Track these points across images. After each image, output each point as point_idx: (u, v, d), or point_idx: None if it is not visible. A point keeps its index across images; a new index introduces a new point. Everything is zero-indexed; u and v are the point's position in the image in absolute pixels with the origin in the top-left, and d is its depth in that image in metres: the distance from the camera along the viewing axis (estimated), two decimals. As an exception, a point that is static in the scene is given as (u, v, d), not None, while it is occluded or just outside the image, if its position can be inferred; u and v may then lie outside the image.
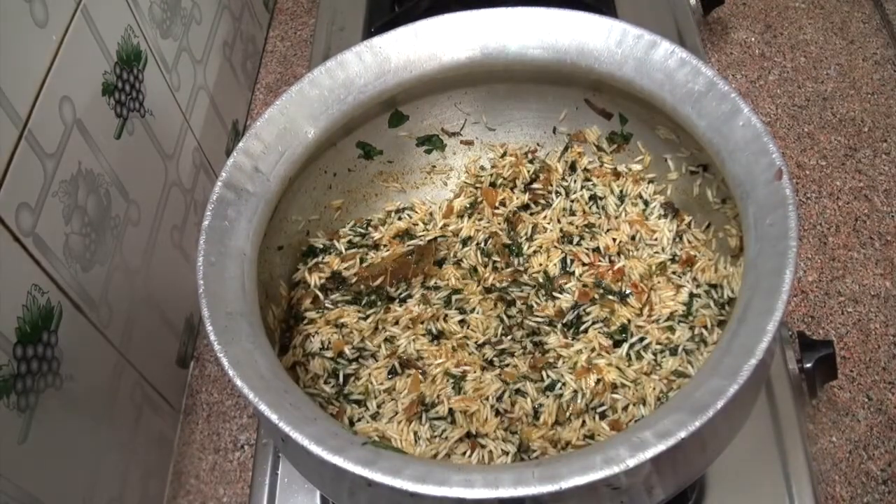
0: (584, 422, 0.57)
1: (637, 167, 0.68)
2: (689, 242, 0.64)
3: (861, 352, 0.80)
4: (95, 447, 0.66)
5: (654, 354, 0.59)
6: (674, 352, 0.59)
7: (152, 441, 0.76)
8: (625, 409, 0.57)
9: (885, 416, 0.75)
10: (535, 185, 0.69)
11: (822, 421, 0.76)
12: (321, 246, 0.68)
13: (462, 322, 0.64)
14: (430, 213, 0.71)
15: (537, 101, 0.69)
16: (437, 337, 0.63)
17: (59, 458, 0.61)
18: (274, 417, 0.42)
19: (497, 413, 0.58)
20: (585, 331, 0.61)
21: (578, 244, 0.66)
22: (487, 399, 0.58)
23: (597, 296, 0.63)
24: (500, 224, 0.68)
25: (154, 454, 0.77)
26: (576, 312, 0.62)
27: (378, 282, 0.65)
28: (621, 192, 0.68)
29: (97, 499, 0.65)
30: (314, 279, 0.65)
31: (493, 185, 0.70)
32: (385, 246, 0.68)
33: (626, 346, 0.60)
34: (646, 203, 0.67)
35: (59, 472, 0.61)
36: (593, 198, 0.68)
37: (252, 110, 1.08)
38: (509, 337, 0.62)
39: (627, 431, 0.41)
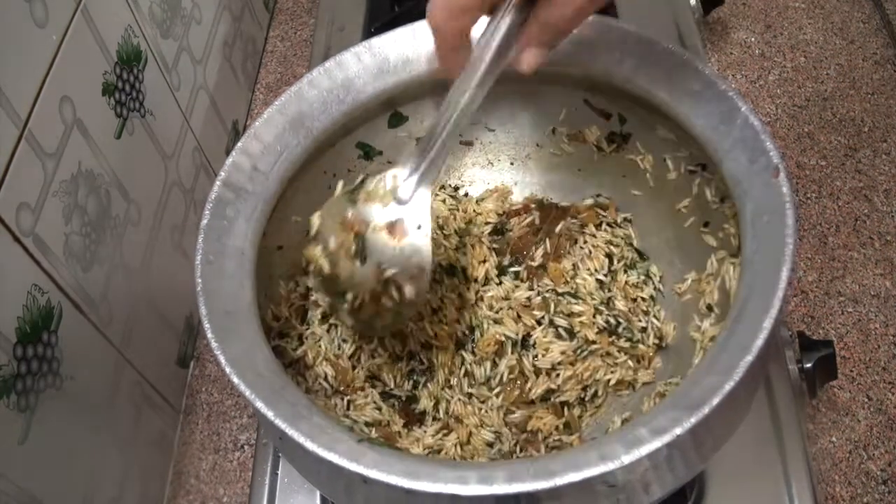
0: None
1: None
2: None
3: (861, 352, 0.79)
4: (95, 447, 0.66)
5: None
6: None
7: (152, 441, 0.76)
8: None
9: (885, 416, 0.75)
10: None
11: (822, 421, 0.76)
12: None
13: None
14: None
15: (536, 101, 0.69)
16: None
17: (59, 458, 0.61)
18: (270, 414, 0.42)
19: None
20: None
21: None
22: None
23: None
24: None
25: (154, 454, 0.77)
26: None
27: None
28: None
29: (97, 499, 0.66)
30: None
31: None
32: None
33: None
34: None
35: (59, 472, 0.61)
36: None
37: (252, 110, 1.08)
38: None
39: (623, 428, 0.41)
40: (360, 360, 0.64)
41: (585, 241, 0.68)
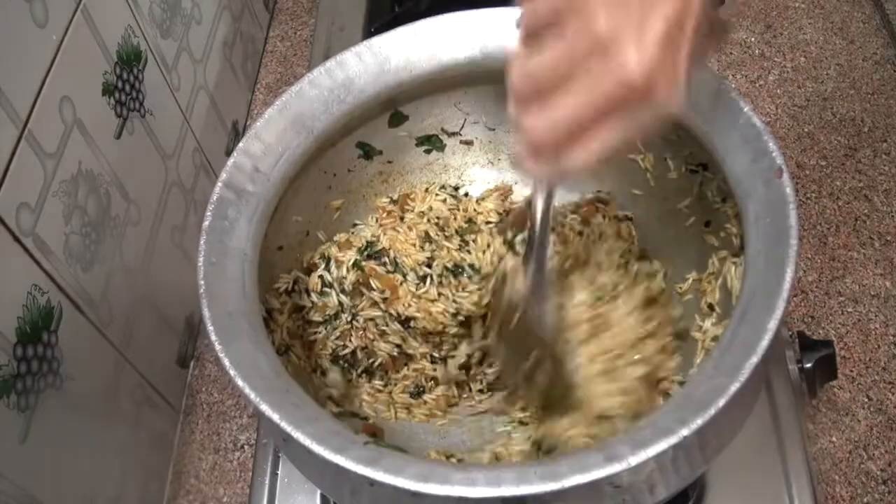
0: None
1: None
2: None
3: (861, 352, 0.80)
4: (95, 447, 0.66)
5: None
6: None
7: (152, 441, 0.76)
8: None
9: (885, 416, 0.75)
10: None
11: (822, 421, 0.76)
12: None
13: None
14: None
15: (537, 100, 0.69)
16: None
17: (59, 458, 0.61)
18: (275, 417, 0.42)
19: None
20: None
21: None
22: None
23: None
24: None
25: (154, 454, 0.77)
26: None
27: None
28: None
29: (97, 499, 0.65)
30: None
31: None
32: None
33: None
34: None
35: (59, 472, 0.61)
36: None
37: (252, 110, 1.08)
38: None
39: (629, 429, 0.41)
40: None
41: (592, 231, 0.68)
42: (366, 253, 0.66)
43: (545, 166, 0.42)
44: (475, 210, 0.71)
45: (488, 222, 0.70)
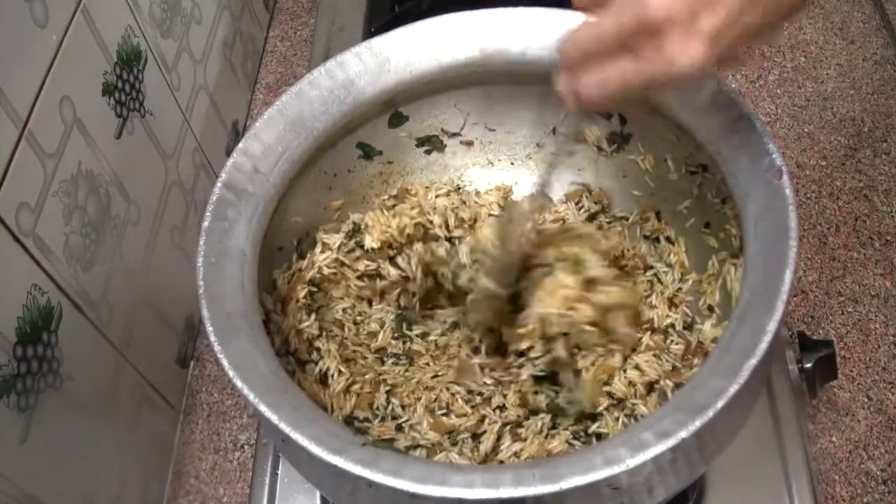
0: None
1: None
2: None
3: (861, 352, 0.80)
4: (95, 447, 0.66)
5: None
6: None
7: (152, 441, 0.76)
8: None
9: (885, 416, 0.75)
10: None
11: (822, 421, 0.76)
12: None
13: None
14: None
15: (537, 101, 0.69)
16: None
17: (59, 458, 0.61)
18: (274, 418, 0.42)
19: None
20: None
21: None
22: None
23: None
24: None
25: (154, 454, 0.77)
26: None
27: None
28: None
29: (97, 499, 0.66)
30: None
31: None
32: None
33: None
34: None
35: (59, 472, 0.61)
36: None
37: (252, 110, 1.08)
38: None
39: (628, 431, 0.41)
40: None
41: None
42: (353, 239, 0.66)
43: (568, 85, 0.45)
44: (476, 203, 0.71)
45: (490, 215, 0.70)
